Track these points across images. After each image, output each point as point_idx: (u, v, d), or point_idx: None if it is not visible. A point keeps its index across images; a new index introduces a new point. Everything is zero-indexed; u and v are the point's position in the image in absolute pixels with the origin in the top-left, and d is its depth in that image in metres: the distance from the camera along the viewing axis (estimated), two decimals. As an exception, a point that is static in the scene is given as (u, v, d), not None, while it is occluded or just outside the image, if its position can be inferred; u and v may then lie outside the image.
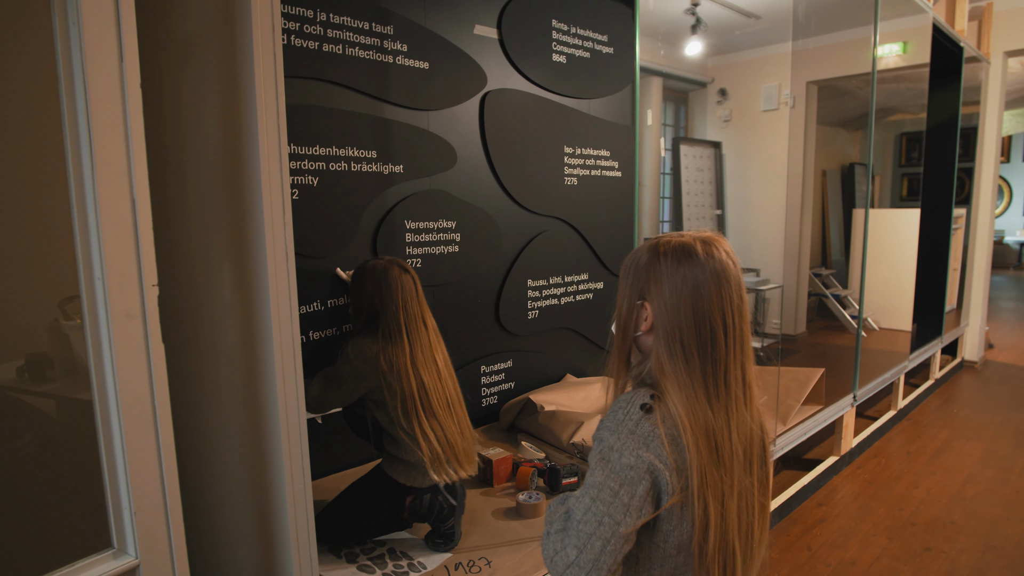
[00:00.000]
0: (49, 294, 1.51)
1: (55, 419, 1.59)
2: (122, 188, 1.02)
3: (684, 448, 0.97)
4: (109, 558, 1.09)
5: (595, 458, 0.99)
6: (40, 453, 1.51)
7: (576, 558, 0.93)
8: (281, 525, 1.35)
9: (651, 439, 0.97)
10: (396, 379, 1.96)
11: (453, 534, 2.02)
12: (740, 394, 1.04)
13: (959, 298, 6.05)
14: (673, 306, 1.02)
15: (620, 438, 0.98)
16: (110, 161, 1.00)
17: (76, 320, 1.56)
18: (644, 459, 0.96)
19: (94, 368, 1.05)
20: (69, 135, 0.99)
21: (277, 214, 1.23)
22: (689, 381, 1.00)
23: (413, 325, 2.03)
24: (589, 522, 0.94)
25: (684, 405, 0.99)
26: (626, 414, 0.99)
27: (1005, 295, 9.78)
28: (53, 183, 1.42)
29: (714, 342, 1.01)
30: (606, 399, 1.14)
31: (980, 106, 5.76)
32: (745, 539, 1.05)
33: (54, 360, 1.58)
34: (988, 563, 2.70)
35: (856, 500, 3.29)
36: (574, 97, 3.33)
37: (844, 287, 6.31)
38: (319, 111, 2.37)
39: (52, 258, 1.47)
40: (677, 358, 1.01)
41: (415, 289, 2.07)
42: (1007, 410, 4.63)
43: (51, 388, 1.57)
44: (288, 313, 1.27)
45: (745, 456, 1.05)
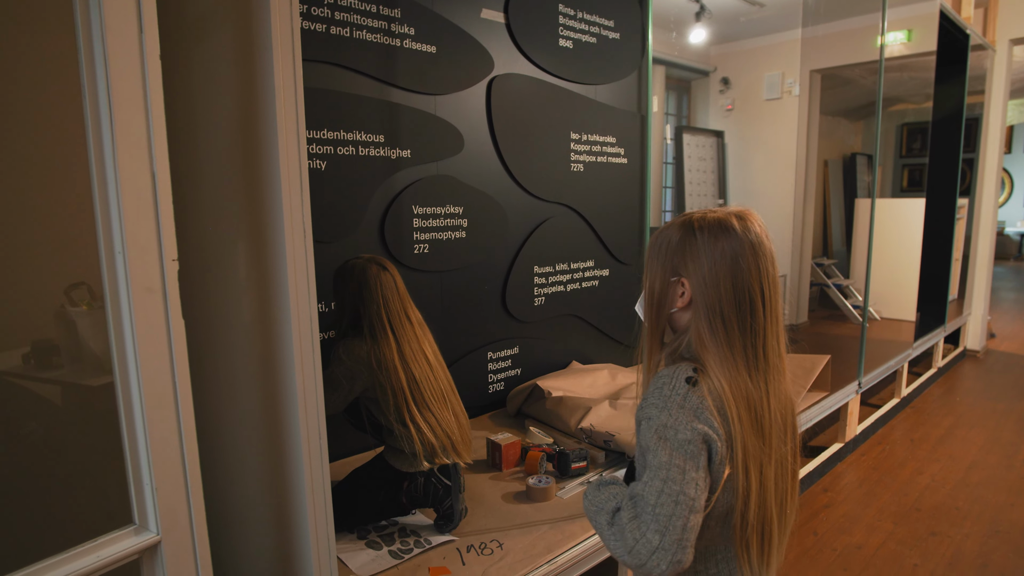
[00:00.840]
0: (54, 281, 1.50)
1: (60, 406, 1.59)
2: (142, 161, 1.01)
3: (729, 419, 0.98)
4: (131, 534, 1.08)
5: (651, 439, 0.98)
6: (47, 441, 1.51)
7: (661, 542, 0.93)
8: (298, 501, 1.35)
9: (701, 411, 0.97)
10: (386, 376, 1.98)
11: (452, 514, 2.02)
12: (777, 364, 1.06)
13: (961, 288, 6.05)
14: (712, 280, 1.02)
15: (671, 414, 0.98)
16: (130, 133, 0.99)
17: (82, 306, 1.56)
18: (699, 431, 0.97)
19: (115, 344, 1.04)
20: (89, 108, 0.98)
21: (295, 190, 1.22)
22: (730, 353, 1.01)
23: (397, 321, 2.03)
24: (666, 504, 0.94)
25: (726, 377, 1.00)
26: (672, 389, 0.99)
27: (1006, 285, 9.79)
28: (57, 171, 1.42)
29: (753, 314, 1.02)
30: (638, 379, 1.15)
31: (984, 95, 5.75)
32: (781, 507, 1.07)
33: (60, 347, 1.57)
34: (993, 547, 2.71)
35: (861, 486, 3.30)
36: (580, 83, 3.32)
37: (846, 277, 6.31)
38: (327, 94, 2.36)
39: (57, 245, 1.47)
40: (718, 331, 1.02)
41: (395, 285, 2.06)
42: (1010, 398, 4.64)
43: (58, 375, 1.56)
44: (306, 290, 1.27)
45: (783, 424, 1.06)
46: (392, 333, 2.02)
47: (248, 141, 1.25)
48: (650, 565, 0.93)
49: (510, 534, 2.02)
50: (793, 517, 1.11)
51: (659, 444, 0.97)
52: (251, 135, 1.24)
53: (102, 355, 1.60)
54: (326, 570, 1.38)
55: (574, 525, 2.06)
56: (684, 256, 1.06)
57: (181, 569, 1.13)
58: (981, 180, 5.88)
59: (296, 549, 1.38)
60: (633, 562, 0.95)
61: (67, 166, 1.43)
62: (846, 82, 6.25)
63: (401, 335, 2.03)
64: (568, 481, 2.35)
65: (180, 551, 1.12)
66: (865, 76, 6.17)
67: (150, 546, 1.09)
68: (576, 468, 2.38)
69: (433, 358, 2.09)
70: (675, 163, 5.72)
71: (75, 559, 1.02)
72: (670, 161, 5.74)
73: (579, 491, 2.28)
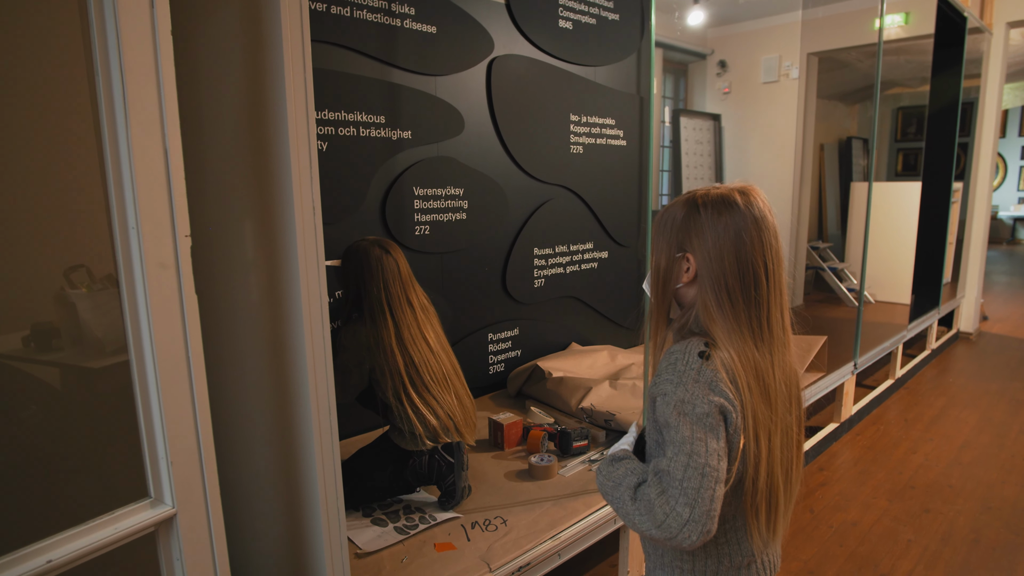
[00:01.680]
0: (54, 264, 1.50)
1: (60, 389, 1.59)
2: (155, 137, 1.01)
3: (740, 389, 1.01)
4: (147, 507, 1.10)
5: (670, 414, 1.00)
6: (47, 423, 1.52)
7: (691, 514, 0.95)
8: (309, 478, 1.37)
9: (715, 383, 1.00)
10: (383, 358, 2.00)
11: (454, 491, 2.05)
12: (782, 335, 1.08)
13: (955, 271, 6.09)
14: (717, 254, 1.04)
15: (687, 388, 1.00)
16: (143, 108, 1.00)
17: (82, 289, 1.56)
18: (715, 403, 0.99)
19: (129, 318, 1.05)
20: (102, 84, 0.98)
21: (304, 167, 1.22)
22: (736, 325, 1.04)
23: (396, 304, 2.04)
24: (693, 477, 0.96)
25: (735, 348, 1.03)
26: (686, 364, 1.01)
27: (999, 269, 9.86)
28: (55, 154, 1.41)
29: (757, 286, 1.04)
30: (646, 356, 1.17)
31: (981, 78, 5.75)
32: (787, 474, 1.09)
33: (61, 329, 1.58)
34: (985, 523, 2.76)
35: (856, 465, 3.34)
36: (580, 64, 3.31)
37: (841, 260, 6.34)
38: (328, 75, 2.35)
39: (56, 228, 1.47)
40: (724, 304, 1.04)
41: (396, 269, 2.06)
42: (1002, 379, 4.69)
43: (58, 357, 1.57)
44: (316, 269, 1.27)
45: (788, 395, 1.09)
46: (391, 316, 2.02)
47: (256, 116, 1.25)
48: (680, 537, 0.96)
49: (513, 511, 2.04)
50: (798, 486, 1.14)
51: (679, 419, 0.99)
52: (259, 109, 1.24)
53: (103, 337, 1.61)
54: (336, 545, 1.40)
55: (577, 502, 2.09)
56: (689, 232, 1.08)
57: (196, 542, 1.14)
58: (976, 164, 5.90)
59: (307, 525, 1.40)
60: (662, 535, 0.97)
61: (65, 149, 1.43)
62: (843, 65, 6.25)
63: (400, 319, 2.03)
64: (570, 459, 2.38)
65: (195, 524, 1.13)
66: (862, 59, 6.16)
67: (166, 519, 1.10)
68: (578, 447, 2.41)
69: (435, 342, 2.10)
70: (672, 146, 5.71)
71: (93, 531, 1.03)
72: (667, 145, 5.74)
73: (581, 469, 2.31)
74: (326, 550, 1.38)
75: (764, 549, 1.13)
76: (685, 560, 1.14)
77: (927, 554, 2.54)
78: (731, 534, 1.11)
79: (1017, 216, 12.74)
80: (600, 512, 2.05)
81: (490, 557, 1.80)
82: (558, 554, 1.92)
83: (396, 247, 2.11)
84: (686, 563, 1.14)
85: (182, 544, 1.13)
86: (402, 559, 1.80)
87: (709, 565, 1.13)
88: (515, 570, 1.79)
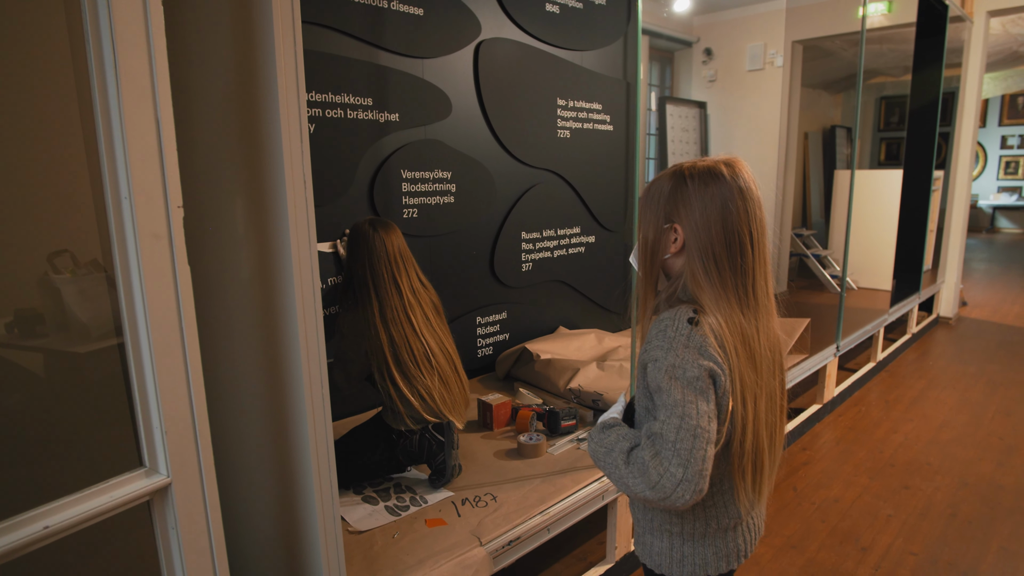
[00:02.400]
0: (37, 249, 1.49)
1: (43, 376, 1.58)
2: (147, 107, 1.02)
3: (728, 353, 1.04)
4: (142, 476, 1.11)
5: (662, 378, 1.03)
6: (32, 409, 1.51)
7: (684, 474, 0.98)
8: (302, 456, 1.38)
9: (704, 348, 1.02)
10: (368, 338, 2.02)
11: (444, 469, 2.07)
12: (766, 302, 1.11)
13: (935, 258, 6.19)
14: (704, 224, 1.07)
15: (678, 354, 1.02)
16: (134, 79, 1.00)
17: (66, 274, 1.55)
18: (704, 367, 1.02)
19: (123, 289, 1.05)
20: (93, 53, 0.99)
21: (295, 142, 1.23)
22: (723, 292, 1.07)
23: (381, 284, 2.04)
24: (685, 439, 0.99)
25: (722, 314, 1.06)
26: (676, 331, 1.04)
27: (977, 256, 10.01)
28: (38, 137, 1.41)
29: (743, 254, 1.07)
30: (633, 332, 1.20)
31: (962, 67, 5.82)
32: (771, 437, 1.13)
33: (45, 315, 1.57)
34: (962, 498, 2.83)
35: (838, 444, 3.40)
36: (567, 48, 3.32)
37: (824, 247, 6.42)
38: (314, 56, 2.35)
39: (39, 212, 1.46)
40: (711, 272, 1.07)
41: (384, 248, 2.05)
42: (980, 362, 4.78)
43: (43, 343, 1.56)
44: (308, 244, 1.28)
45: (772, 360, 1.12)
46: (375, 296, 2.03)
47: (246, 89, 1.26)
48: (674, 497, 0.99)
49: (503, 488, 2.07)
50: (780, 449, 1.18)
51: (671, 383, 1.02)
52: (249, 82, 1.25)
53: (89, 322, 1.61)
54: (329, 520, 1.42)
55: (565, 479, 2.12)
56: (676, 203, 1.11)
57: (192, 512, 1.16)
58: (956, 153, 5.99)
59: (300, 499, 1.42)
60: (656, 495, 1.00)
61: (48, 132, 1.42)
62: (827, 54, 6.29)
63: (384, 299, 2.03)
64: (558, 438, 2.41)
65: (190, 493, 1.15)
66: (846, 48, 6.21)
67: (161, 488, 1.11)
68: (566, 426, 2.44)
69: (419, 324, 2.08)
70: (658, 134, 5.74)
71: (89, 499, 1.04)
72: (653, 132, 5.76)
73: (569, 447, 2.34)
74: (319, 524, 1.39)
75: (750, 510, 1.17)
76: (674, 523, 1.17)
77: (906, 528, 2.60)
78: (718, 497, 1.14)
79: (996, 205, 12.92)
80: (588, 488, 2.08)
81: (481, 532, 1.82)
82: (547, 529, 1.95)
83: (392, 227, 2.10)
84: (675, 526, 1.17)
85: (177, 514, 1.14)
86: (393, 534, 1.82)
87: (697, 527, 1.16)
88: (505, 544, 1.82)
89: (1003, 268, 8.93)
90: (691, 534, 1.17)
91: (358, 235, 2.06)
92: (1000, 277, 8.25)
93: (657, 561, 1.21)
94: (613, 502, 2.18)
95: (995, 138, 12.87)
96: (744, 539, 1.21)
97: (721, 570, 1.19)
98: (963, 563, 2.37)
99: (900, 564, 2.37)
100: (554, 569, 2.33)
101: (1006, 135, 12.75)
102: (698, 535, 1.16)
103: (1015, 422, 3.65)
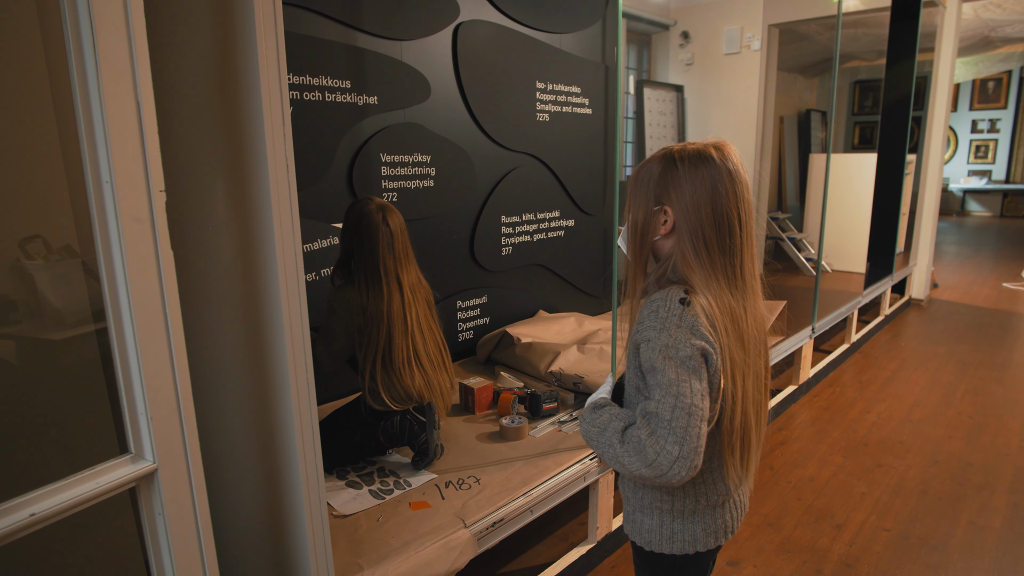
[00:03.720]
0: (7, 233, 1.46)
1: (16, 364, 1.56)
2: (126, 88, 1.00)
3: (719, 333, 1.06)
4: (127, 462, 1.10)
5: (656, 358, 1.04)
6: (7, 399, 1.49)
7: (680, 451, 1.00)
8: (288, 442, 1.38)
9: (696, 327, 1.05)
10: (370, 326, 2.01)
11: (427, 450, 2.08)
12: (753, 284, 1.14)
13: (907, 241, 6.30)
14: (694, 205, 1.09)
15: (671, 334, 1.04)
16: (114, 60, 0.98)
17: (38, 260, 1.52)
18: (697, 346, 1.04)
19: (105, 274, 1.04)
20: (71, 33, 0.96)
21: (277, 122, 1.22)
22: (713, 273, 1.09)
23: (391, 279, 2.03)
24: (680, 417, 1.01)
25: (712, 293, 1.08)
26: (668, 311, 1.06)
27: (948, 239, 10.21)
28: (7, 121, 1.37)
29: (731, 236, 1.10)
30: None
31: (934, 52, 5.90)
32: (757, 415, 1.16)
33: (17, 302, 1.54)
34: (933, 475, 2.91)
35: (813, 424, 3.48)
36: (546, 31, 3.31)
37: (799, 231, 6.50)
38: (292, 37, 2.31)
39: (9, 197, 1.43)
40: (700, 253, 1.09)
41: (389, 234, 2.04)
42: (950, 343, 4.90)
43: (16, 330, 1.53)
44: (291, 228, 1.27)
45: (758, 340, 1.15)
46: (385, 289, 2.02)
47: (226, 70, 1.24)
48: (671, 474, 1.01)
49: (486, 470, 2.09)
50: (764, 427, 1.21)
51: (665, 363, 1.03)
52: (230, 63, 1.23)
53: (63, 308, 1.58)
54: (315, 504, 1.42)
55: (547, 460, 2.14)
56: (667, 186, 1.13)
57: (178, 498, 1.15)
58: (929, 137, 6.08)
59: (285, 483, 1.42)
60: (652, 473, 1.02)
61: (17, 117, 1.39)
62: (803, 38, 6.34)
63: (392, 294, 2.03)
64: (540, 421, 2.43)
65: (177, 479, 1.14)
66: (821, 32, 6.26)
67: (147, 474, 1.11)
68: (547, 409, 2.46)
69: (414, 322, 2.08)
70: (636, 117, 5.75)
71: (75, 486, 1.03)
72: (631, 116, 5.77)
73: (551, 430, 2.37)
74: (305, 507, 1.39)
75: (739, 486, 1.21)
76: (664, 501, 1.20)
77: (879, 505, 2.67)
78: (707, 474, 1.17)
79: (966, 188, 13.17)
80: (570, 470, 2.10)
81: (465, 514, 1.84)
82: (530, 510, 1.98)
83: (397, 214, 2.09)
84: (665, 503, 1.20)
85: (164, 500, 1.13)
86: (378, 518, 1.83)
87: (687, 504, 1.19)
88: (489, 526, 1.84)
89: (973, 251, 9.12)
90: (681, 511, 1.19)
91: (369, 221, 2.03)
92: (970, 260, 8.43)
93: (647, 538, 1.24)
94: (595, 483, 2.21)
95: (966, 122, 13.09)
96: (731, 515, 1.25)
97: (709, 546, 1.22)
98: (934, 538, 2.44)
99: (873, 540, 2.43)
100: (537, 550, 2.36)
101: (976, 119, 12.98)
102: (688, 512, 1.19)
103: (983, 401, 3.75)
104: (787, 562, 2.31)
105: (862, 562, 2.31)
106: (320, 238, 2.49)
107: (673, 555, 1.22)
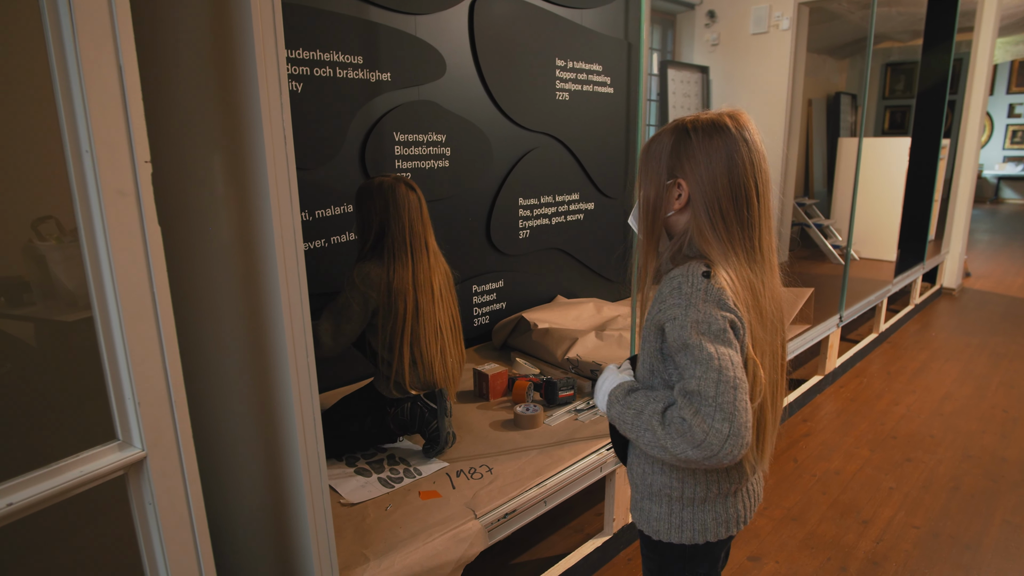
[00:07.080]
0: (21, 215, 1.43)
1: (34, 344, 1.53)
2: (107, 51, 0.93)
3: (741, 307, 1.01)
4: (115, 449, 1.05)
5: (689, 335, 0.98)
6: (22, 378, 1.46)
7: (731, 428, 0.94)
8: (288, 427, 1.32)
9: (723, 300, 0.99)
10: (393, 300, 1.95)
11: (438, 437, 2.02)
12: (770, 258, 1.08)
13: (939, 228, 6.10)
14: (710, 177, 1.03)
15: (699, 308, 0.98)
16: (92, 20, 0.91)
17: (51, 241, 1.48)
18: (726, 318, 0.99)
19: (87, 250, 0.98)
20: (46, -8, 0.90)
21: (274, 95, 1.15)
22: (731, 246, 1.03)
23: (418, 245, 1.99)
24: (726, 392, 0.95)
25: (732, 268, 1.02)
26: (692, 286, 1.00)
27: (982, 227, 9.91)
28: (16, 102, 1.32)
29: (749, 208, 1.03)
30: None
31: (973, 32, 5.66)
32: (773, 395, 1.10)
33: (31, 283, 1.51)
34: (965, 471, 2.79)
35: (839, 416, 3.36)
36: (566, 6, 3.19)
37: (827, 217, 6.32)
38: (301, 11, 2.24)
39: (22, 177, 1.39)
40: (718, 226, 1.03)
41: (420, 208, 2.01)
42: (983, 333, 4.73)
43: (31, 312, 1.50)
44: (288, 204, 1.21)
45: (775, 317, 1.09)
46: (411, 257, 1.98)
47: (221, 39, 1.17)
48: (722, 453, 0.95)
49: (499, 459, 2.02)
50: (781, 408, 1.15)
51: (699, 339, 0.97)
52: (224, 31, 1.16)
53: (75, 290, 1.54)
54: (318, 495, 1.36)
55: (563, 450, 2.06)
56: (680, 158, 1.07)
57: (169, 486, 1.10)
58: (965, 120, 5.85)
59: (286, 470, 1.36)
60: (701, 454, 0.95)
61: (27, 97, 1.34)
62: (834, 17, 6.12)
63: (419, 260, 1.99)
64: (556, 409, 2.36)
65: (167, 467, 1.08)
66: (853, 11, 6.04)
67: (135, 462, 1.05)
68: (563, 396, 2.39)
69: (438, 291, 2.05)
70: (659, 99, 5.60)
71: (55, 474, 0.98)
72: (654, 98, 5.63)
73: (567, 419, 2.29)
74: (307, 496, 1.34)
75: (755, 470, 1.14)
76: (674, 488, 1.13)
77: (908, 501, 2.57)
78: None
79: (1001, 175, 12.77)
80: (586, 460, 2.03)
81: (476, 504, 1.78)
82: (544, 501, 1.91)
83: (416, 186, 2.05)
84: (675, 491, 1.13)
85: (154, 488, 1.08)
86: (386, 507, 1.77)
87: (698, 491, 1.12)
88: (500, 517, 1.77)
89: (1007, 239, 8.84)
90: (691, 499, 1.12)
91: (393, 193, 1.98)
92: (1004, 248, 8.16)
93: (655, 527, 1.17)
94: (611, 474, 2.14)
95: (1003, 106, 12.65)
96: (744, 504, 1.17)
97: (720, 536, 1.15)
98: (966, 536, 2.34)
99: (902, 537, 2.33)
100: (550, 541, 2.29)
101: (1014, 103, 12.53)
102: (698, 500, 1.12)
103: (1019, 394, 3.60)
104: (811, 558, 2.22)
105: (890, 560, 2.21)
106: (334, 204, 2.42)
107: (682, 545, 1.16)
